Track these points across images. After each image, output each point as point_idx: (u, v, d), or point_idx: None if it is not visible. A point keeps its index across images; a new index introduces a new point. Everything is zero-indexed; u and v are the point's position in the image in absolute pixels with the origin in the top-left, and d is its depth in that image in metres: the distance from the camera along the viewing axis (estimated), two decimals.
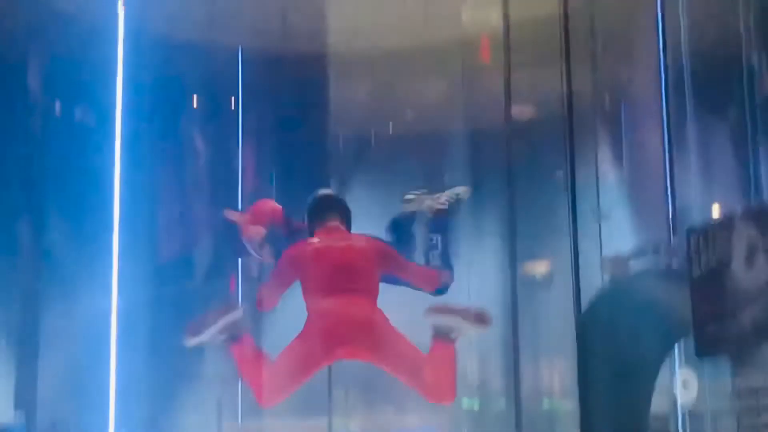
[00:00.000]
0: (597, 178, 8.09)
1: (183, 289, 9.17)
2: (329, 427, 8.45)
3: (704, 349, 5.16)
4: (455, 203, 6.50)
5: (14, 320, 8.98)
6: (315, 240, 6.23)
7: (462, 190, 6.57)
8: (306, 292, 6.20)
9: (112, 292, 7.42)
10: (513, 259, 8.14)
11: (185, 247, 9.48)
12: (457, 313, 6.13)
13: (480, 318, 6.10)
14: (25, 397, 8.77)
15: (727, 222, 5.00)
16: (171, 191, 9.45)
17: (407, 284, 6.52)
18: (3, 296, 9.10)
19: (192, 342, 6.26)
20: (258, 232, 6.39)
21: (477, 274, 9.22)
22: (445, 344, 6.14)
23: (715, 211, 7.30)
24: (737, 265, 4.89)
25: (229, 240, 9.45)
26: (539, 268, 9.29)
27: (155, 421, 8.98)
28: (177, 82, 9.58)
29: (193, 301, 9.29)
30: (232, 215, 6.52)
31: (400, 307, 6.50)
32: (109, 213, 7.66)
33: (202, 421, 9.47)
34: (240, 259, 9.16)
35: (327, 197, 6.47)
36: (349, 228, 6.40)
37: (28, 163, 8.81)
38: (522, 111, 9.16)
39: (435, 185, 10.27)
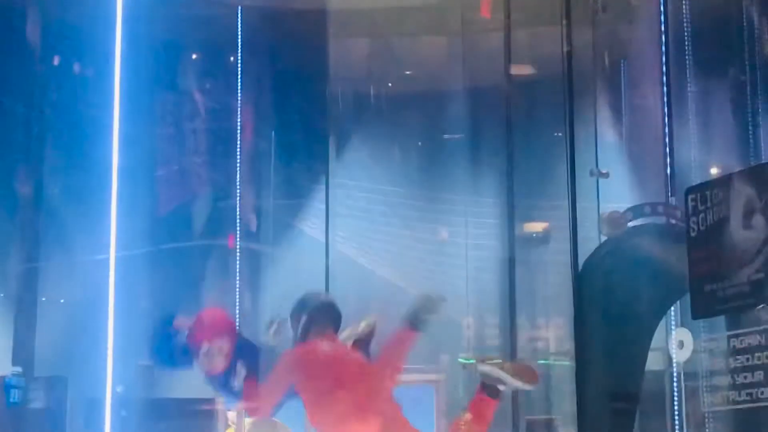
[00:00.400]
0: (596, 136, 8.09)
1: (181, 244, 9.20)
2: None
3: (700, 309, 5.16)
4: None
5: (13, 275, 9.01)
6: (317, 346, 6.19)
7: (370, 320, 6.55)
8: (310, 402, 6.13)
9: (111, 245, 7.42)
10: (510, 217, 8.16)
11: (184, 201, 9.50)
12: (507, 369, 6.13)
13: (529, 376, 6.11)
14: (23, 353, 8.80)
15: (725, 181, 4.99)
16: (170, 146, 9.45)
17: None
18: (2, 250, 9.13)
19: None
20: (217, 365, 6.38)
21: (474, 231, 9.26)
22: (489, 398, 6.14)
23: (714, 170, 7.32)
24: (735, 224, 4.89)
25: (229, 196, 9.50)
26: (536, 226, 9.31)
27: (152, 377, 9.02)
28: (177, 38, 9.55)
29: (192, 256, 9.34)
30: (181, 322, 6.47)
31: None
32: (107, 167, 7.64)
33: (199, 377, 9.51)
34: (238, 216, 9.20)
35: (331, 307, 6.46)
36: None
37: (27, 118, 8.81)
38: (521, 69, 9.15)
39: (434, 141, 10.34)
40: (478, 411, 6.28)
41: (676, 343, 6.63)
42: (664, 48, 7.63)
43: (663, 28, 7.69)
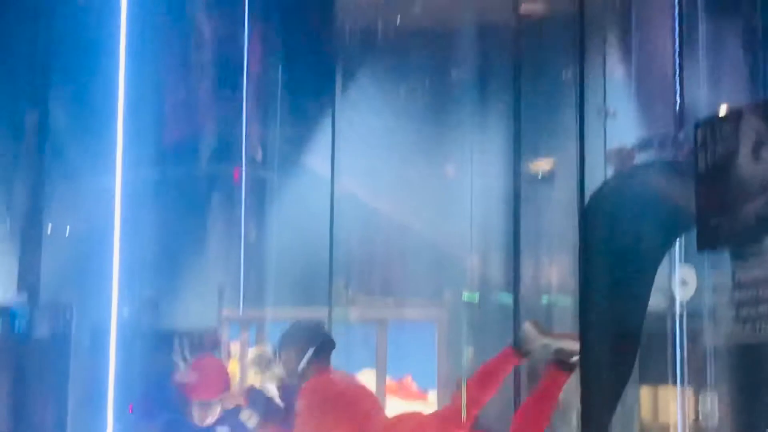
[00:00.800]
0: (604, 75, 8.05)
1: (187, 172, 9.20)
2: (329, 317, 8.53)
3: (706, 242, 5.16)
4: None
5: (18, 201, 9.02)
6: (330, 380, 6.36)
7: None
8: None
9: (117, 172, 7.43)
10: (517, 155, 8.15)
11: (190, 129, 9.48)
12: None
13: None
14: (28, 282, 8.83)
15: (734, 115, 4.98)
16: (176, 73, 9.41)
17: None
18: (7, 177, 9.12)
19: None
20: (207, 418, 6.48)
21: (480, 169, 9.24)
22: (561, 371, 6.13)
23: (723, 106, 7.27)
24: (743, 158, 4.88)
25: (234, 125, 9.48)
26: (543, 164, 9.29)
27: (157, 305, 9.07)
28: None
29: (197, 185, 9.34)
30: (181, 377, 6.58)
31: None
32: (113, 94, 7.63)
33: (203, 306, 9.58)
34: (244, 147, 9.18)
35: (332, 343, 6.45)
36: None
37: (32, 44, 8.76)
38: (532, 8, 9.09)
39: (441, 79, 10.29)
40: (552, 389, 6.29)
41: (679, 282, 6.65)
42: None
43: None
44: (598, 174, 6.70)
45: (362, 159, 9.50)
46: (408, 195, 9.71)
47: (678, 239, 6.34)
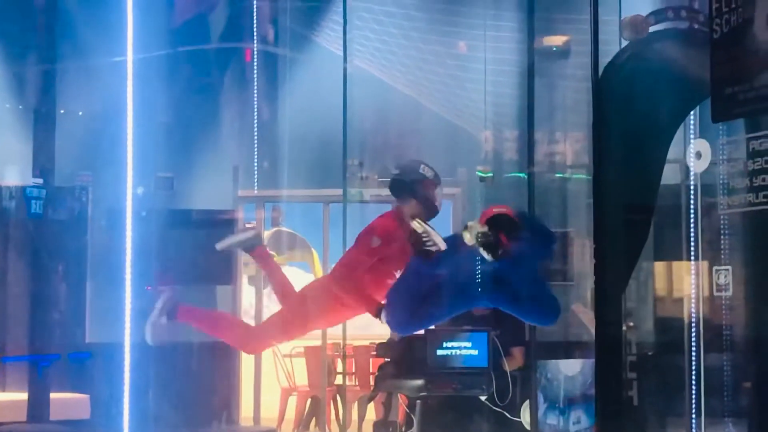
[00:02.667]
0: None
1: (199, 50, 9.15)
2: (344, 195, 8.54)
3: (720, 112, 5.14)
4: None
5: (31, 84, 8.99)
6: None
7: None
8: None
9: (128, 51, 7.38)
10: (531, 29, 8.06)
11: (201, 6, 9.41)
12: None
13: None
14: (43, 163, 8.84)
15: None
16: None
17: None
18: (18, 58, 9.08)
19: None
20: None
21: (493, 45, 9.16)
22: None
23: None
24: (759, 26, 4.83)
25: (245, 3, 9.39)
26: (557, 39, 9.20)
27: (172, 183, 9.10)
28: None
29: (209, 63, 9.29)
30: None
31: None
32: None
33: (219, 186, 9.61)
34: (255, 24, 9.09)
35: None
36: None
37: None
38: None
39: None
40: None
41: (694, 154, 6.63)
42: None
43: None
44: (612, 48, 6.63)
45: (374, 36, 9.40)
46: (421, 72, 9.64)
47: (693, 109, 6.31)
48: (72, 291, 9.14)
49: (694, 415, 7.04)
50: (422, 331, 6.88)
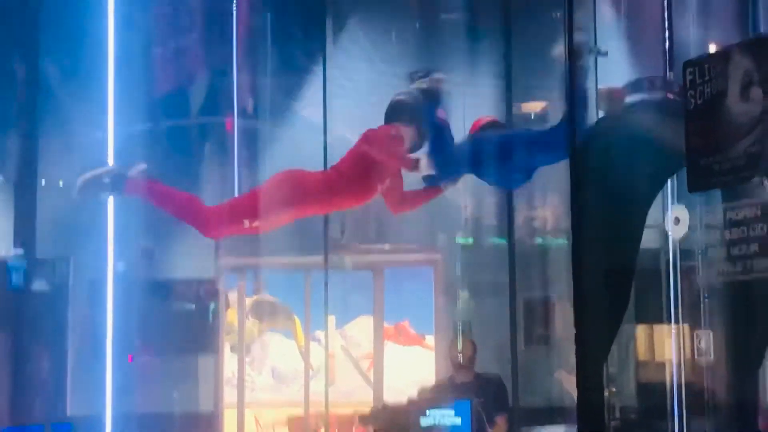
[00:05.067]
0: (594, 14, 8.02)
1: (180, 122, 9.19)
2: (325, 263, 8.55)
3: (696, 183, 5.18)
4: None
5: (13, 156, 9.01)
6: None
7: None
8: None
9: (108, 124, 7.43)
10: (508, 97, 8.15)
11: (180, 80, 9.45)
12: None
13: None
14: (24, 235, 8.85)
15: (723, 54, 4.98)
16: (166, 24, 9.36)
17: None
18: (1, 131, 9.11)
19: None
20: None
21: (472, 112, 9.23)
22: None
23: (712, 45, 7.27)
24: (732, 97, 4.89)
25: (225, 77, 9.45)
26: (534, 106, 9.29)
27: (153, 257, 9.10)
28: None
29: (190, 134, 9.33)
30: None
31: None
32: (104, 46, 7.60)
33: (200, 255, 9.61)
34: (235, 96, 9.15)
35: None
36: None
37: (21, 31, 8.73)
38: None
39: (431, 21, 10.25)
40: None
41: (672, 220, 6.68)
42: None
43: None
44: (589, 114, 6.71)
45: (354, 104, 9.48)
46: None
47: (670, 177, 6.37)
48: (53, 363, 9.10)
49: None
50: (405, 400, 6.88)
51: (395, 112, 6.81)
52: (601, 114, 6.10)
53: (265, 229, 6.86)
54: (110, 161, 7.42)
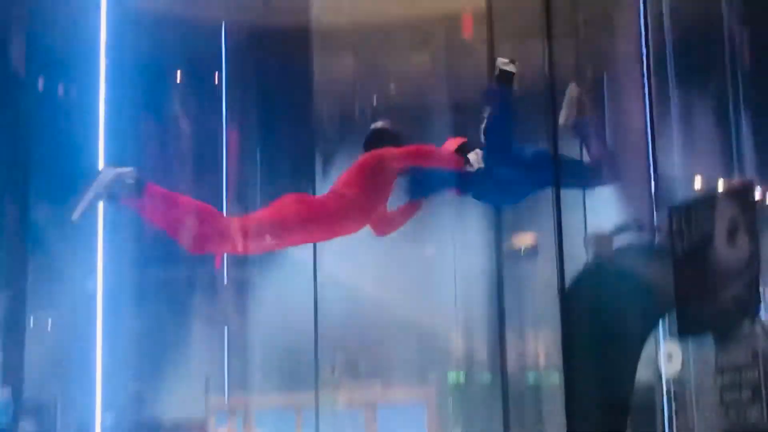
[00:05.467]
0: (581, 150, 8.10)
1: (169, 262, 9.17)
2: (316, 401, 8.48)
3: (687, 328, 5.19)
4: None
5: (1, 302, 8.98)
6: None
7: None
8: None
9: (97, 274, 7.43)
10: (498, 232, 8.16)
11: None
12: None
13: None
14: (11, 377, 8.77)
15: (708, 199, 5.02)
16: (155, 168, 9.42)
17: None
18: None
19: (76, 214, 5.87)
20: None
21: (462, 247, 9.26)
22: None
23: (698, 185, 7.34)
24: (719, 242, 4.91)
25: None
26: (524, 240, 9.31)
27: (142, 399, 9.01)
28: (160, 57, 9.53)
29: (179, 273, 9.30)
30: None
31: None
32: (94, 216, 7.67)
33: (190, 397, 9.51)
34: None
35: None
36: None
37: (12, 144, 8.77)
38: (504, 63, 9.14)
39: None
40: None
41: (665, 357, 6.64)
42: (645, 61, 7.66)
43: (644, 41, 7.71)
44: (578, 249, 6.73)
45: (343, 241, 9.48)
46: (391, 276, 9.71)
47: (662, 319, 6.35)
48: None
49: None
50: None
51: (378, 138, 6.76)
52: (589, 256, 6.11)
53: (260, 250, 6.78)
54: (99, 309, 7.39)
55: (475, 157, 6.57)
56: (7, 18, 8.95)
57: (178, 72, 9.84)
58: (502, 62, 6.44)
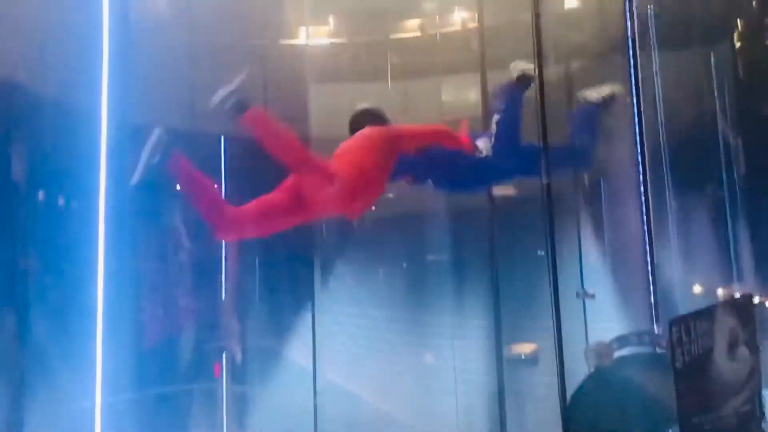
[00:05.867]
0: (580, 255, 8.12)
1: (168, 375, 9.13)
2: None
3: None
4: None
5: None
6: None
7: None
8: None
9: (96, 391, 7.39)
10: (498, 339, 8.14)
11: (168, 338, 9.45)
12: None
13: None
14: None
15: (708, 313, 5.02)
16: (155, 279, 9.43)
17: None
18: None
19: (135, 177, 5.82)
20: None
21: (461, 353, 9.24)
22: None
23: (697, 293, 7.36)
24: (720, 356, 4.91)
25: (214, 328, 9.47)
26: (525, 347, 9.30)
27: None
28: (160, 169, 9.56)
29: (177, 397, 9.25)
30: None
31: None
32: (92, 305, 7.64)
33: None
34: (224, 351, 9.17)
35: None
36: None
37: (11, 255, 8.78)
38: (503, 189, 9.22)
39: (418, 263, 10.35)
40: None
41: None
42: (641, 167, 7.72)
43: (640, 148, 7.78)
44: (579, 359, 6.71)
45: (343, 349, 9.49)
46: (391, 383, 9.67)
47: (666, 430, 6.31)
48: None
49: None
50: None
51: (366, 118, 6.57)
52: (590, 367, 6.10)
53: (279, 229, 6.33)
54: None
55: (483, 144, 6.56)
56: (8, 131, 9.02)
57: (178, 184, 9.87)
58: (527, 67, 6.50)
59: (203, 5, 9.25)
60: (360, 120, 6.37)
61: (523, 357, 9.24)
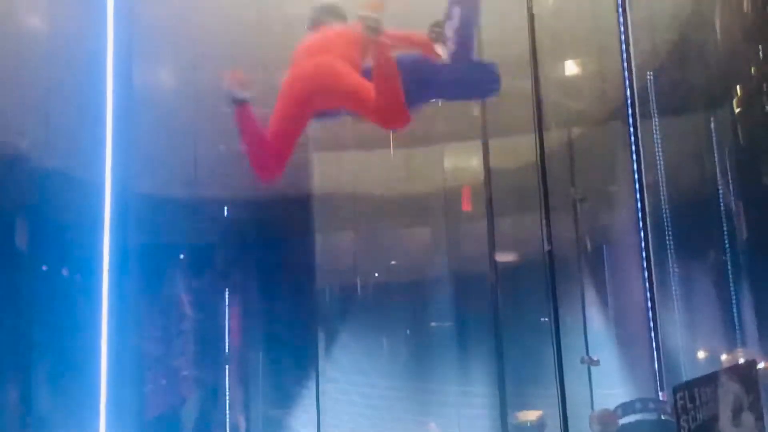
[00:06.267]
0: (584, 321, 8.10)
1: None
2: None
3: None
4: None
5: None
6: None
7: None
8: None
9: None
10: (503, 408, 8.10)
11: (172, 405, 9.41)
12: None
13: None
14: None
15: (712, 379, 4.99)
16: (158, 350, 9.42)
17: None
18: None
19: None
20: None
21: (467, 422, 9.18)
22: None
23: (701, 359, 7.34)
24: (724, 422, 4.88)
25: (216, 399, 9.43)
26: (530, 416, 9.22)
27: None
28: (164, 239, 9.61)
29: None
30: None
31: None
32: (96, 377, 7.62)
33: None
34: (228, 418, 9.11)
35: None
36: None
37: (15, 326, 8.76)
38: (506, 256, 9.23)
39: (422, 330, 10.32)
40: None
41: None
42: (643, 233, 7.73)
43: (641, 214, 7.80)
44: (585, 422, 6.66)
45: (347, 418, 9.43)
46: None
47: None
48: None
49: None
50: None
51: (325, 14, 6.51)
52: None
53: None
54: None
55: (443, 48, 6.48)
56: (13, 204, 9.04)
57: (181, 253, 9.91)
58: None
59: (207, 74, 9.34)
60: (321, 19, 6.44)
61: (528, 424, 9.16)
